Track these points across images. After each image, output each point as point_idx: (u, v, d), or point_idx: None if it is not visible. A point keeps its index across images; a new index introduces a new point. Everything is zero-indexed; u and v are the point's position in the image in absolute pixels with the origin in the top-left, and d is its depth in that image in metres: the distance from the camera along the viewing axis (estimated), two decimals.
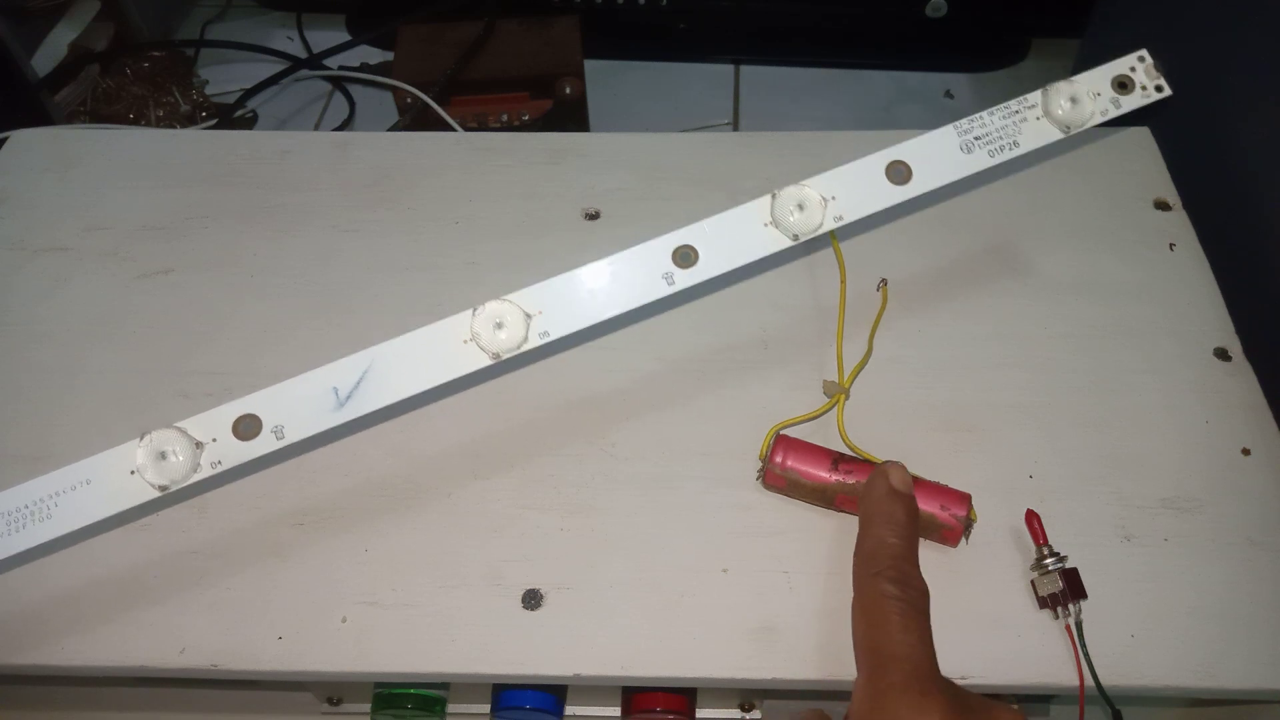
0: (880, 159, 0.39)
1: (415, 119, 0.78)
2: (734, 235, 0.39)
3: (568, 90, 0.81)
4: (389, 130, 0.79)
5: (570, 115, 0.82)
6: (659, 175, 0.56)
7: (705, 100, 0.94)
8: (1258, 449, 0.44)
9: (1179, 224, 0.53)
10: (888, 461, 0.40)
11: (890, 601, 0.34)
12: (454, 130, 0.75)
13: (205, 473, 0.36)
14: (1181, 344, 0.48)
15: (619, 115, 0.91)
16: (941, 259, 0.52)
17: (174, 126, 0.89)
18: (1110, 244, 0.52)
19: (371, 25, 0.97)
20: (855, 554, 0.37)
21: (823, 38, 0.97)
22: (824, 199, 0.39)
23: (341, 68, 0.92)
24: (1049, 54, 0.97)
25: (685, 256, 0.38)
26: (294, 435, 0.37)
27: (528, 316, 0.38)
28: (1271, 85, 0.56)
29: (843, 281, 0.48)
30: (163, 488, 0.36)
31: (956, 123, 0.40)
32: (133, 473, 0.36)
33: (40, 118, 0.79)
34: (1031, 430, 0.45)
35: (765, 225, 0.39)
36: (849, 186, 0.39)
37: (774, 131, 0.60)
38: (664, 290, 0.38)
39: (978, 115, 0.40)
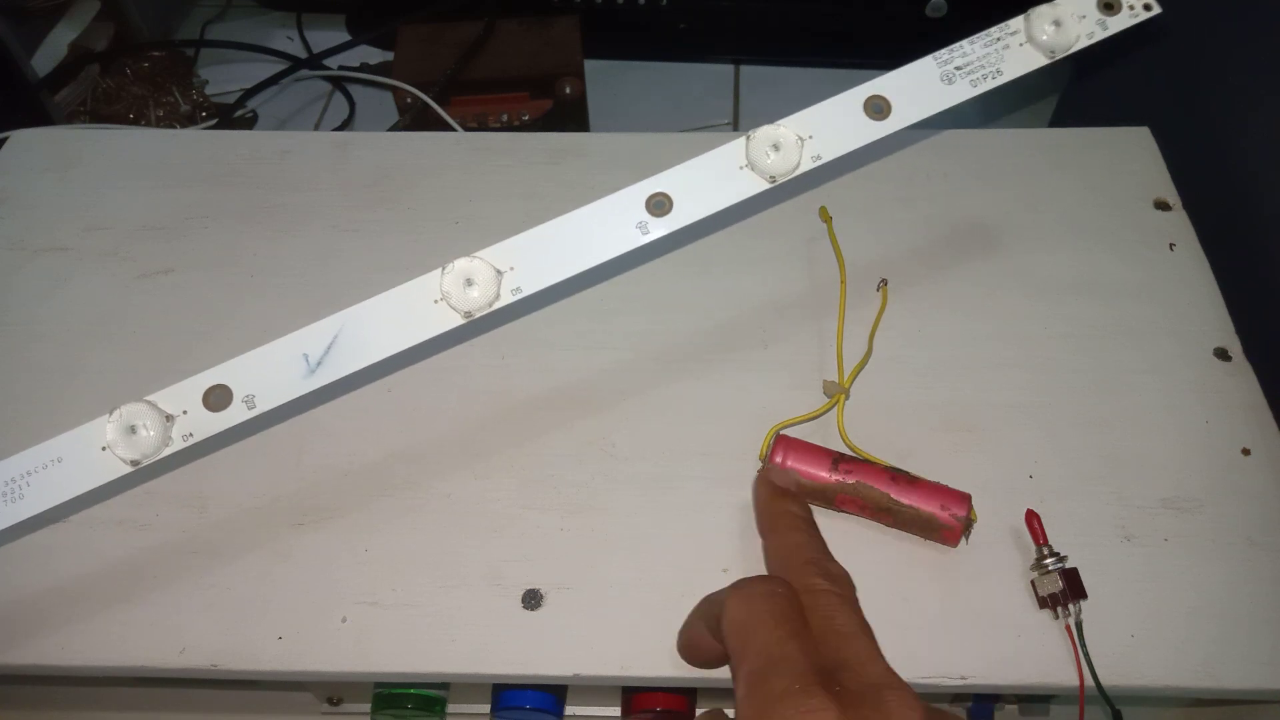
0: (858, 94, 0.38)
1: (415, 119, 0.78)
2: (709, 180, 0.38)
3: (568, 90, 0.81)
4: (389, 130, 0.79)
5: (570, 115, 0.82)
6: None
7: (705, 100, 0.93)
8: (1258, 449, 0.44)
9: (1179, 224, 0.53)
10: (762, 468, 0.40)
11: (826, 596, 0.32)
12: (454, 130, 0.75)
13: (177, 445, 0.36)
14: (1181, 344, 0.48)
15: (619, 115, 0.91)
16: (942, 259, 0.52)
17: (174, 126, 0.89)
18: (1110, 244, 0.52)
19: (371, 25, 0.96)
20: (767, 565, 0.36)
21: (823, 38, 0.97)
22: (800, 138, 0.37)
23: (341, 68, 0.92)
24: None
25: (659, 204, 0.37)
26: (265, 404, 0.36)
27: (498, 273, 0.37)
28: (1272, 85, 0.56)
29: (843, 281, 0.48)
30: (134, 462, 0.35)
31: (936, 53, 0.38)
32: (104, 449, 0.35)
33: (40, 118, 0.79)
34: (1031, 430, 0.45)
35: (741, 168, 0.38)
36: (826, 124, 0.38)
37: None
38: (639, 240, 0.37)
39: (958, 44, 0.38)
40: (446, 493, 0.43)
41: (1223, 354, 0.47)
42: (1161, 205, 0.54)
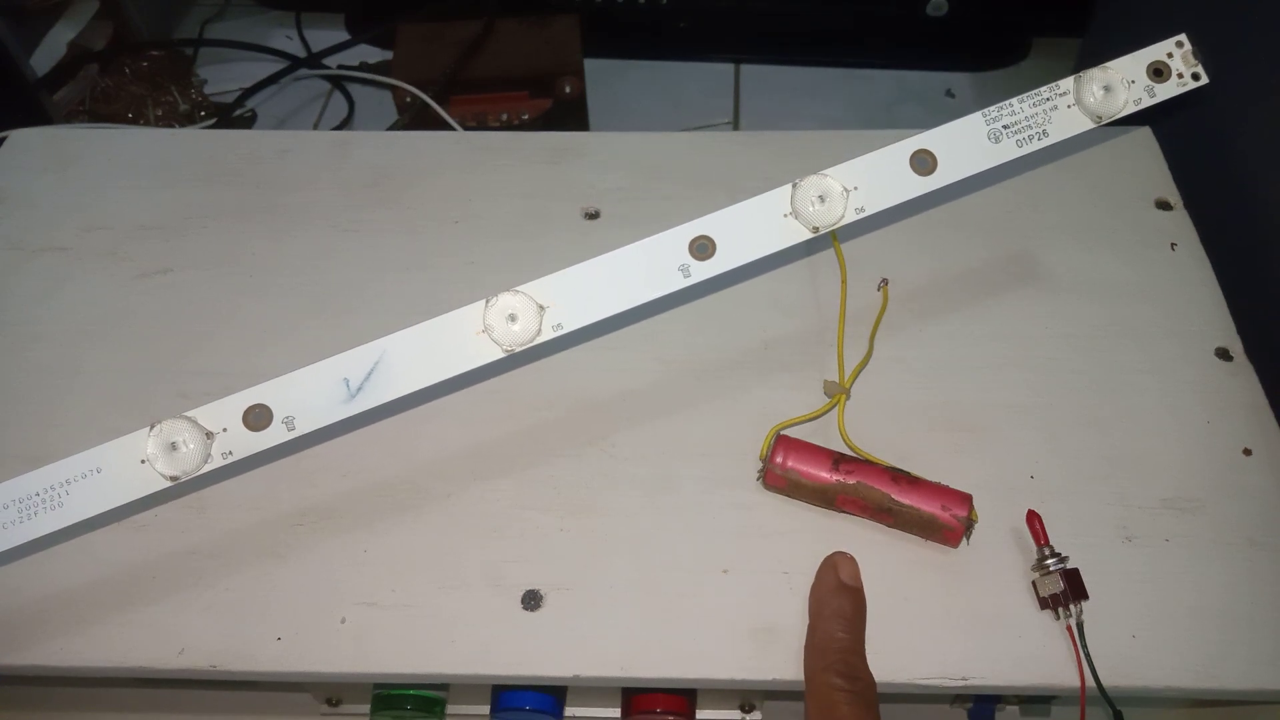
0: (905, 148, 0.38)
1: (415, 118, 0.78)
2: (753, 226, 0.38)
3: (567, 89, 0.81)
4: (388, 129, 0.79)
5: (570, 114, 0.82)
6: (659, 175, 0.56)
7: (705, 100, 0.94)
8: (1259, 449, 0.44)
9: (1180, 223, 0.53)
10: (837, 553, 0.40)
11: (839, 693, 0.35)
12: (453, 129, 0.75)
13: (216, 463, 0.36)
14: (1183, 344, 0.48)
15: (619, 115, 0.91)
16: (942, 259, 0.52)
17: (173, 126, 0.89)
18: (1111, 244, 0.52)
19: (371, 24, 0.96)
20: (805, 647, 0.38)
21: (823, 37, 0.97)
22: (846, 190, 0.38)
23: (341, 67, 0.92)
24: (1050, 53, 0.97)
25: (702, 248, 0.37)
26: (305, 426, 0.36)
27: (541, 309, 0.37)
28: (1272, 84, 0.55)
29: (843, 281, 0.48)
30: (174, 478, 0.35)
31: (985, 110, 0.38)
32: (143, 462, 0.35)
33: (39, 117, 0.79)
34: (1032, 430, 0.45)
35: (785, 216, 0.38)
36: (872, 176, 0.38)
37: (774, 131, 0.60)
38: (680, 283, 0.37)
39: (1006, 103, 0.38)
40: (446, 493, 0.43)
41: (1224, 354, 0.47)
42: (1162, 205, 0.54)
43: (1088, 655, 0.38)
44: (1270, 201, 0.55)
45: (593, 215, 0.54)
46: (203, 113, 0.91)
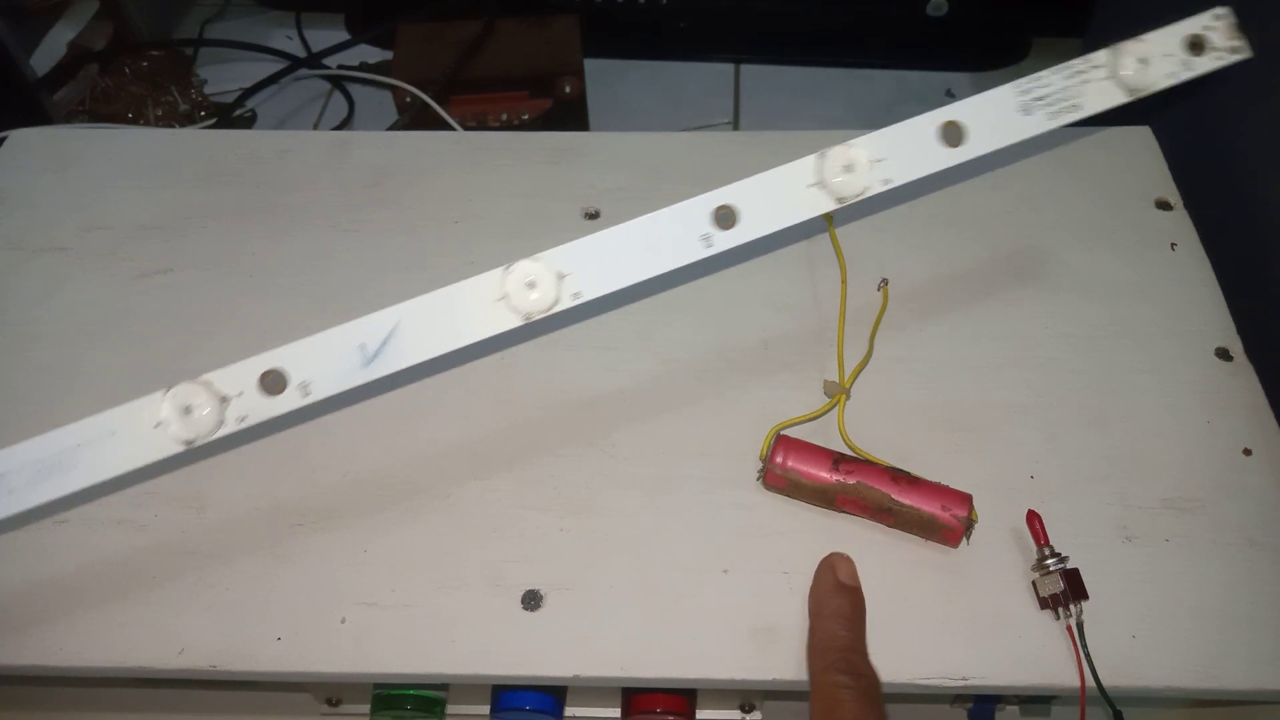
0: (933, 118, 0.37)
1: (415, 118, 0.78)
2: (777, 196, 0.36)
3: (567, 89, 0.81)
4: (388, 129, 0.79)
5: (570, 114, 0.82)
6: (659, 175, 0.56)
7: (705, 100, 0.93)
8: (1259, 449, 0.44)
9: (1180, 223, 0.53)
10: (833, 554, 0.40)
11: (842, 691, 0.36)
12: (453, 129, 0.75)
13: (231, 428, 0.35)
14: (1183, 344, 0.48)
15: (619, 115, 0.91)
16: (942, 259, 0.52)
17: (173, 126, 0.89)
18: (1111, 244, 0.52)
19: (371, 24, 0.96)
20: (808, 647, 0.38)
21: (823, 37, 0.97)
22: (872, 161, 0.36)
23: (341, 67, 0.92)
24: (1050, 53, 0.97)
25: (725, 217, 0.36)
26: (320, 392, 0.36)
27: (560, 276, 0.36)
28: (1272, 84, 0.55)
29: (843, 281, 0.48)
30: (188, 442, 0.35)
31: (1017, 81, 0.37)
32: (157, 426, 0.35)
33: (39, 117, 0.79)
34: (1032, 430, 0.45)
35: (810, 186, 0.37)
36: (899, 147, 0.37)
37: (774, 131, 0.60)
38: (701, 252, 0.36)
39: (1038, 74, 0.37)
40: (446, 493, 0.43)
41: (1224, 354, 0.47)
42: (1163, 205, 0.54)
43: (1088, 655, 0.38)
44: (1270, 201, 0.55)
45: (593, 215, 0.54)
46: (203, 113, 0.91)
